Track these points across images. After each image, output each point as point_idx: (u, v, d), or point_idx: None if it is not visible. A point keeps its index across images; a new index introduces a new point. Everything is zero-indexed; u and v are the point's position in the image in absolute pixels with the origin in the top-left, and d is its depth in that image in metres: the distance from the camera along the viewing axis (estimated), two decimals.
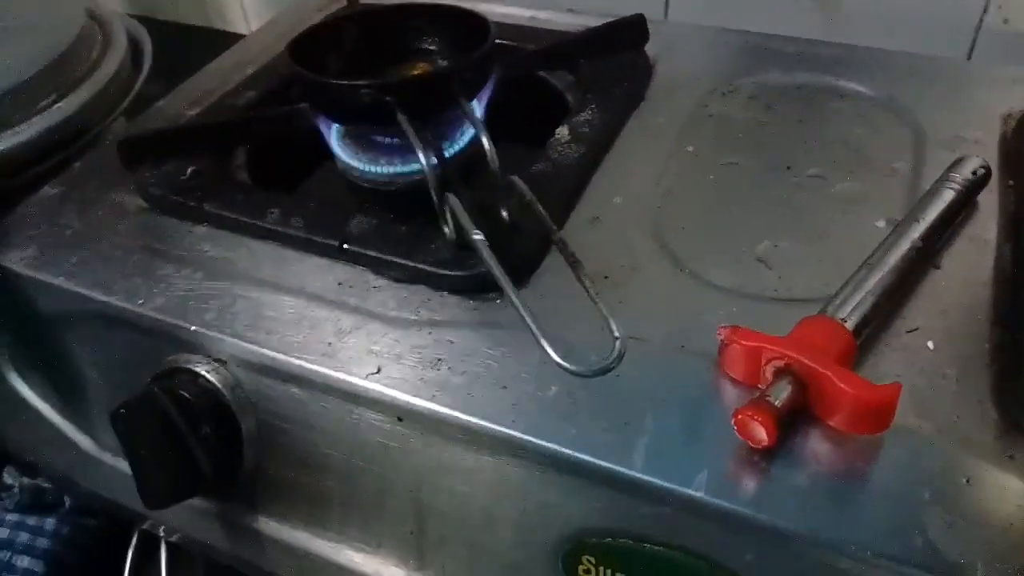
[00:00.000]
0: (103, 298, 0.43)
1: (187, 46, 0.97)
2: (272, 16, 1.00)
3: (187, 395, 0.40)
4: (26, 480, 0.50)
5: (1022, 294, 0.38)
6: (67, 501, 0.51)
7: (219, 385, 0.41)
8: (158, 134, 0.51)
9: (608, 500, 0.34)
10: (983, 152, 0.46)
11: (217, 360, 0.41)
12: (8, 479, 0.50)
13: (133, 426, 0.39)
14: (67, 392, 0.48)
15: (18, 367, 0.49)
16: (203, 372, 0.41)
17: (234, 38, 1.04)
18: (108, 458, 0.48)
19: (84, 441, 0.48)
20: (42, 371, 0.49)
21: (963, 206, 0.42)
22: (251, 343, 0.40)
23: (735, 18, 0.63)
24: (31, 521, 0.50)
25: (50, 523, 0.50)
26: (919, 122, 0.50)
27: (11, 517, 0.49)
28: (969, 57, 0.70)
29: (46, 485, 0.50)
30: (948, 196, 0.41)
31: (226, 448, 0.41)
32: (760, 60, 0.57)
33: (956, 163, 0.43)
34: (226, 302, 0.42)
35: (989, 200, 0.44)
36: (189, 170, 0.48)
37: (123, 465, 0.47)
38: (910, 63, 0.56)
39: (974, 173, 0.43)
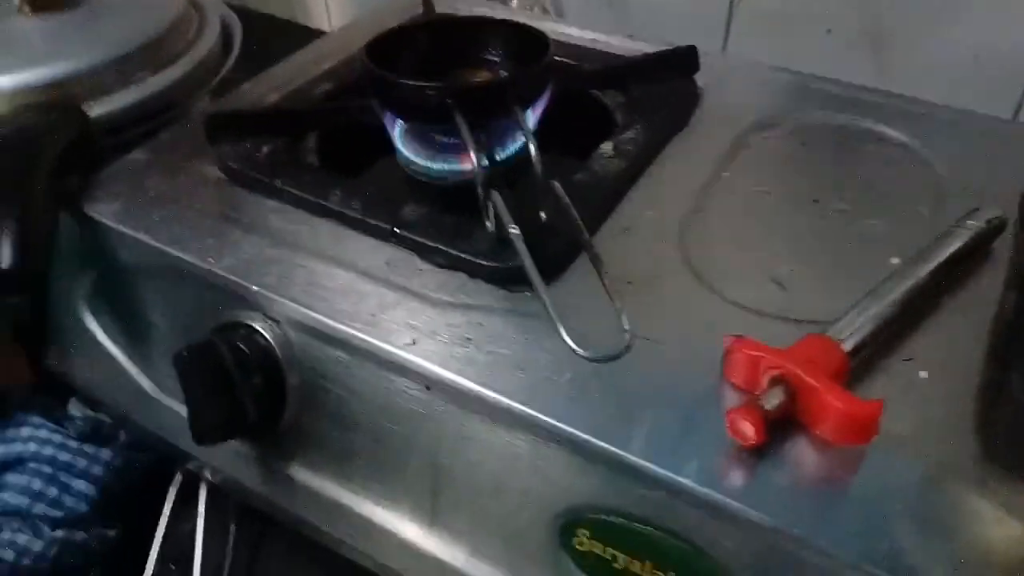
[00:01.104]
0: (178, 254, 0.48)
1: (271, 37, 1.03)
2: (353, 15, 1.06)
3: (243, 347, 0.45)
4: (89, 412, 0.55)
5: (1018, 339, 0.41)
6: (122, 436, 0.56)
7: (272, 341, 0.45)
8: (241, 114, 0.56)
9: (607, 480, 0.37)
10: (1005, 205, 0.48)
11: (272, 319, 0.45)
12: (73, 410, 0.55)
13: (192, 369, 0.44)
14: (134, 335, 0.53)
15: (93, 309, 0.55)
16: (259, 328, 0.45)
17: (316, 34, 1.11)
18: (164, 399, 0.52)
19: (144, 382, 0.53)
20: (114, 315, 0.54)
21: (974, 252, 0.45)
22: (304, 307, 0.44)
23: (791, 58, 0.66)
24: (89, 450, 0.55)
25: (105, 453, 0.55)
26: (948, 171, 0.52)
27: (72, 444, 0.55)
28: (1015, 117, 0.72)
29: (105, 419, 0.55)
30: (959, 240, 0.44)
31: (271, 398, 0.45)
32: (805, 99, 0.60)
33: (973, 211, 0.46)
34: (285, 269, 0.46)
35: (1003, 249, 0.46)
36: (265, 149, 0.53)
37: (177, 407, 0.52)
38: (949, 115, 0.58)
39: (988, 222, 0.45)
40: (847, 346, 0.38)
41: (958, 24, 0.71)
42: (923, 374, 0.39)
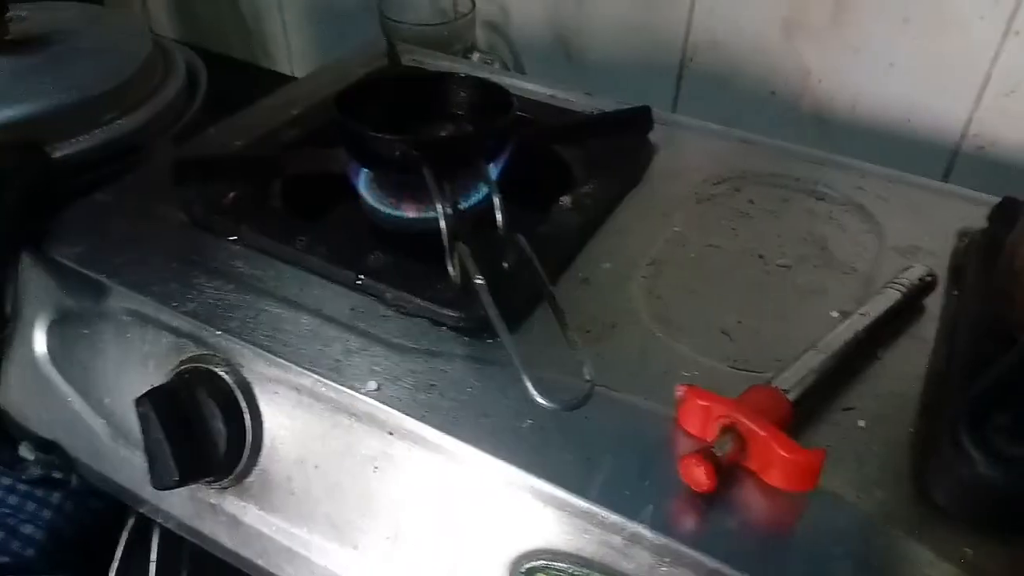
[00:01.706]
0: (141, 297, 0.48)
1: (235, 81, 1.04)
2: (316, 61, 1.08)
3: (204, 392, 0.45)
4: (41, 455, 0.54)
5: (948, 391, 0.43)
6: (74, 480, 0.55)
7: (234, 386, 0.46)
8: (208, 158, 0.57)
9: (564, 525, 0.39)
10: (937, 262, 0.51)
11: (235, 364, 0.46)
12: (25, 453, 0.54)
13: (153, 413, 0.44)
14: (92, 378, 0.53)
15: (51, 350, 0.54)
16: (221, 373, 0.46)
17: (280, 78, 1.12)
18: (120, 443, 0.52)
19: (100, 425, 0.53)
20: (72, 357, 0.53)
21: (909, 307, 0.48)
22: (267, 351, 0.44)
23: (736, 121, 0.70)
24: (39, 493, 0.54)
25: (56, 497, 0.54)
26: (883, 229, 0.56)
27: (22, 487, 0.54)
28: (945, 179, 0.77)
29: (58, 462, 0.55)
30: (895, 296, 0.47)
31: (232, 443, 0.45)
32: (751, 159, 0.63)
33: (907, 269, 0.49)
34: (249, 313, 0.47)
35: (935, 304, 0.49)
36: (231, 194, 0.54)
37: (132, 452, 0.52)
38: (886, 176, 0.62)
39: (921, 279, 0.48)
40: (792, 396, 0.40)
41: (891, 88, 0.76)
42: (862, 423, 0.42)
